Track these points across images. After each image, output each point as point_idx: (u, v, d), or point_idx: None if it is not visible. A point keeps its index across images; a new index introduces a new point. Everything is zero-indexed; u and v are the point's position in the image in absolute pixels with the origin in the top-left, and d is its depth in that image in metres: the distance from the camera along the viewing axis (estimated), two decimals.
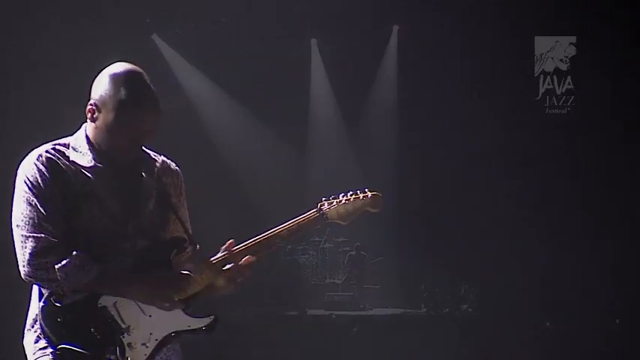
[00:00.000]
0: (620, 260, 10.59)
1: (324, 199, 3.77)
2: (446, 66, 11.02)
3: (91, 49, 9.26)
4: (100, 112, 3.42)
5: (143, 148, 3.57)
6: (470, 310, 11.03)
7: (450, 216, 11.30)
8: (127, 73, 3.43)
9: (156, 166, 3.64)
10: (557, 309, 10.44)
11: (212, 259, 3.56)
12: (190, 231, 3.64)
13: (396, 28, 11.69)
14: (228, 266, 3.54)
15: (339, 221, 3.75)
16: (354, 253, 12.08)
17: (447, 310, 11.01)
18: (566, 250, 10.74)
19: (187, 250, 3.57)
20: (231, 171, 11.61)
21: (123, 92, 3.38)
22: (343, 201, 3.77)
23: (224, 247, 3.59)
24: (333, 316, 11.07)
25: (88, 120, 3.48)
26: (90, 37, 9.76)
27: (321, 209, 3.73)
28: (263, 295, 10.88)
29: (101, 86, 3.42)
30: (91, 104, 3.44)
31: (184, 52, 11.29)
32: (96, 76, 3.49)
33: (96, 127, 3.45)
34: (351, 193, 3.79)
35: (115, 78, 3.41)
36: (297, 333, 10.30)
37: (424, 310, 11.14)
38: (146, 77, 3.46)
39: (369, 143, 12.12)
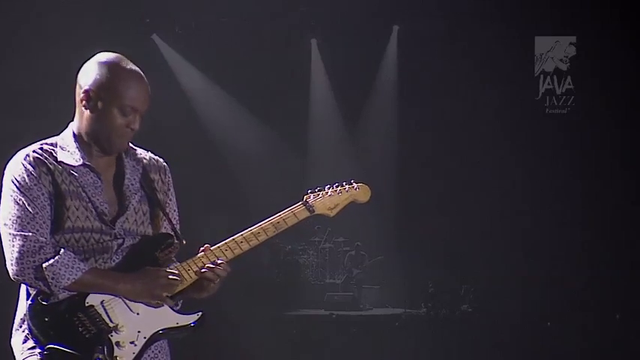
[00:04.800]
0: (621, 258, 10.59)
1: (309, 191, 3.78)
2: (446, 66, 11.02)
3: (90, 49, 9.23)
4: (97, 96, 3.44)
5: (131, 145, 3.59)
6: (470, 310, 11.03)
7: (450, 216, 11.30)
8: (117, 58, 3.50)
9: (143, 162, 3.64)
10: (558, 308, 10.43)
11: (195, 257, 3.58)
12: (178, 227, 3.65)
13: (396, 28, 11.67)
14: (203, 270, 3.56)
15: (326, 213, 3.77)
16: (354, 253, 12.09)
17: (447, 310, 11.01)
18: (567, 250, 10.74)
19: (174, 246, 3.58)
20: (231, 171, 11.61)
21: (119, 74, 3.44)
22: (329, 192, 3.80)
23: (201, 249, 3.61)
24: (333, 316, 11.08)
25: (82, 109, 3.48)
26: (90, 37, 9.75)
27: (307, 202, 3.75)
28: (262, 295, 10.88)
29: (93, 72, 3.46)
30: (85, 90, 3.45)
31: (184, 52, 11.29)
32: (79, 70, 3.53)
33: (91, 115, 3.46)
34: (337, 184, 3.82)
35: (107, 63, 3.47)
36: (296, 333, 10.31)
37: (424, 310, 11.14)
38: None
39: (369, 143, 12.12)
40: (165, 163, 3.72)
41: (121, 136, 3.47)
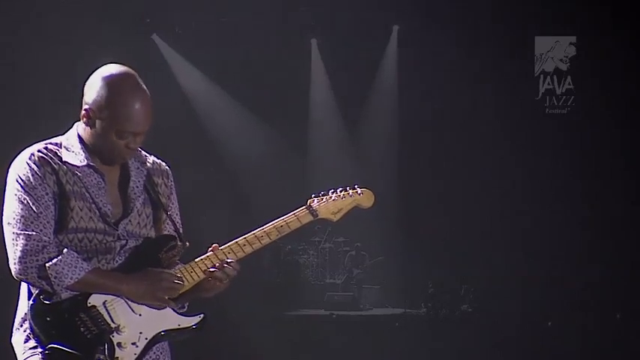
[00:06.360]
0: (621, 258, 10.59)
1: (313, 195, 3.79)
2: (446, 66, 11.01)
3: (90, 49, 9.25)
4: (95, 116, 3.44)
5: None
6: (470, 310, 11.03)
7: (450, 216, 11.30)
8: (121, 76, 3.45)
9: (146, 165, 3.65)
10: (558, 308, 10.44)
11: (198, 258, 3.58)
12: (181, 230, 3.65)
13: (396, 28, 11.67)
14: (212, 269, 3.57)
15: (329, 217, 3.78)
16: (354, 253, 12.08)
17: (447, 310, 11.01)
18: (567, 250, 10.74)
19: (177, 248, 3.58)
20: (231, 171, 11.60)
21: (119, 97, 3.40)
22: (333, 197, 3.81)
23: (209, 249, 3.61)
24: (333, 316, 11.08)
25: (83, 124, 3.49)
26: (90, 36, 9.76)
27: (310, 206, 3.75)
28: (263, 295, 10.88)
29: (95, 90, 3.44)
30: (85, 109, 3.46)
31: (184, 52, 11.29)
32: (87, 78, 3.51)
33: (91, 131, 3.47)
34: (341, 189, 3.83)
35: (109, 82, 3.43)
36: (296, 333, 10.31)
37: (424, 310, 11.13)
38: (139, 79, 3.48)
39: (370, 143, 12.10)
40: (167, 168, 3.73)
41: (119, 153, 3.48)
